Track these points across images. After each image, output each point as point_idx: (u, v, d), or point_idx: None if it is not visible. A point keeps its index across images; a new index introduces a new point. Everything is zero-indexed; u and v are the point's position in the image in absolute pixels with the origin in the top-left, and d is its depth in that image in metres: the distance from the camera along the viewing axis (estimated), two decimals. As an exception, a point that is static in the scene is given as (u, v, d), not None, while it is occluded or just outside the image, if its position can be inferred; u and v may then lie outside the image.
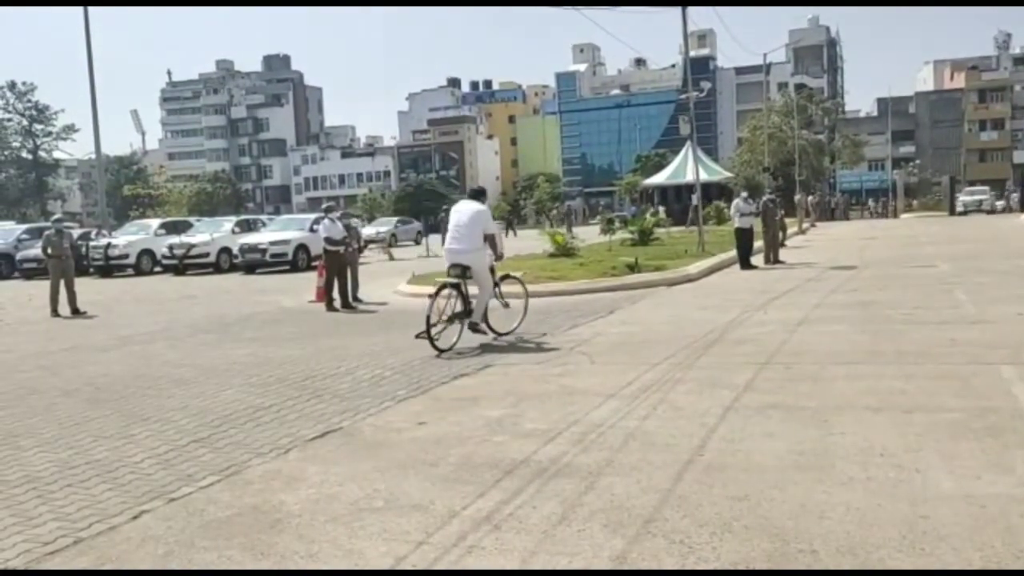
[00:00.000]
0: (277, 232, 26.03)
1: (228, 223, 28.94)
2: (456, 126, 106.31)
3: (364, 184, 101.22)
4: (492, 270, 9.79)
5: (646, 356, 7.85)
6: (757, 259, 18.70)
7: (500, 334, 9.61)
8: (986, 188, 58.75)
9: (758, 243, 19.12)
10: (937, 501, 3.83)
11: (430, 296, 9.22)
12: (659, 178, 53.54)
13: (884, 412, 5.45)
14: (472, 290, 9.54)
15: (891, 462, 4.41)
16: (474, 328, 9.32)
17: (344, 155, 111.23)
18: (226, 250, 25.96)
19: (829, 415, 5.42)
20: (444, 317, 9.10)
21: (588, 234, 29.05)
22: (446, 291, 9.26)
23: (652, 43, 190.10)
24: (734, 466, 4.50)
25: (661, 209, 42.44)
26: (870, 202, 64.78)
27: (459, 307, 9.33)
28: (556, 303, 12.94)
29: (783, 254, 19.63)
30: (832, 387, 6.28)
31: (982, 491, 3.92)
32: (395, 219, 48.24)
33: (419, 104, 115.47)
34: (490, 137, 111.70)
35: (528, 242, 27.23)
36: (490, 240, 9.39)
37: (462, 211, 9.56)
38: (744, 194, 19.99)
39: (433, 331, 8.77)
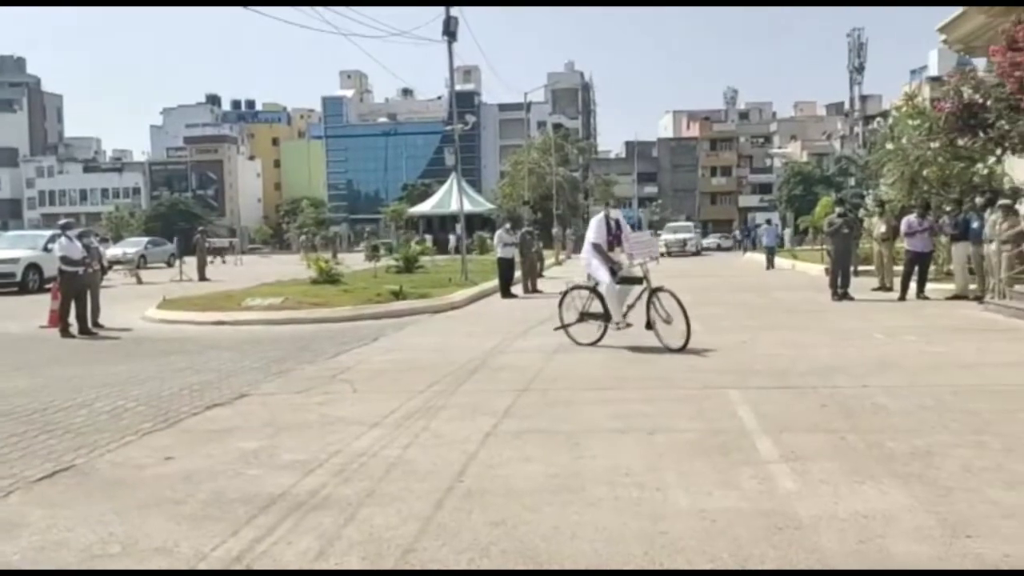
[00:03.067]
0: (3, 250, 23.46)
1: (-58, 238, 25.63)
2: (216, 145, 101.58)
3: (110, 201, 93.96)
4: (642, 278, 10.05)
5: (410, 384, 7.86)
6: (517, 288, 19.41)
7: (670, 348, 9.42)
8: (690, 225, 55.50)
9: (519, 273, 19.89)
10: (675, 517, 4.13)
11: (561, 294, 10.81)
12: (425, 207, 54.35)
13: (629, 434, 5.82)
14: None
15: (635, 481, 4.71)
16: (617, 327, 10.12)
17: (87, 169, 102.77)
18: (-62, 268, 22.94)
19: (581, 438, 5.70)
20: (575, 315, 10.37)
21: (353, 260, 28.73)
22: (577, 291, 10.49)
23: (419, 74, 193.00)
24: (493, 491, 4.59)
25: (428, 238, 43.00)
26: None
27: (595, 308, 10.27)
28: (320, 330, 12.66)
29: (541, 284, 20.52)
30: (584, 411, 6.61)
31: (713, 506, 4.28)
32: (145, 239, 44.83)
33: (175, 119, 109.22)
34: (252, 158, 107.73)
35: (290, 267, 26.50)
36: (593, 246, 10.24)
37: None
38: (507, 225, 20.83)
39: (568, 326, 10.33)
